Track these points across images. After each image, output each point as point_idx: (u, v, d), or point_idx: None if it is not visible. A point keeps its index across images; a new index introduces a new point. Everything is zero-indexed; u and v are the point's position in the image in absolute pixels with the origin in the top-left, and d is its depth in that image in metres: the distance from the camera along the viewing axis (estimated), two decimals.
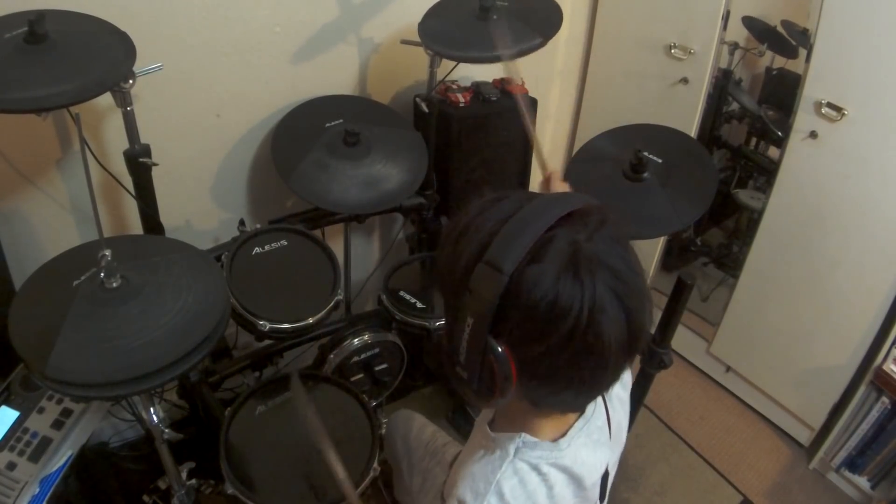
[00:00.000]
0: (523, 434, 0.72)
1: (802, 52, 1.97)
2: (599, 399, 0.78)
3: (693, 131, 2.07)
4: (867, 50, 1.59)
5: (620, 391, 0.89)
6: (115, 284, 0.99)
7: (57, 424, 1.21)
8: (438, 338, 0.63)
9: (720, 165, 2.47)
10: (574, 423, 0.75)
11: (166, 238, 1.34)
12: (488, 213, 0.63)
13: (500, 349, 0.60)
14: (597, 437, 0.77)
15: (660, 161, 1.46)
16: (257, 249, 1.45)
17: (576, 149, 1.83)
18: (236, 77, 1.59)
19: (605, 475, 0.79)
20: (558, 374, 0.61)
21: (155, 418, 1.15)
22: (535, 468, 0.71)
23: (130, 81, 1.19)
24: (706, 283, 2.49)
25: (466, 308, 0.60)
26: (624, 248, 0.62)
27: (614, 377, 0.65)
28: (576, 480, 0.73)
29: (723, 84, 2.20)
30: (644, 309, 0.62)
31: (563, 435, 0.73)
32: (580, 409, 0.74)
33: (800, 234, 1.87)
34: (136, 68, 1.20)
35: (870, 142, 1.65)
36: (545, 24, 1.50)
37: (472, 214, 0.65)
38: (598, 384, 0.65)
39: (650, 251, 2.33)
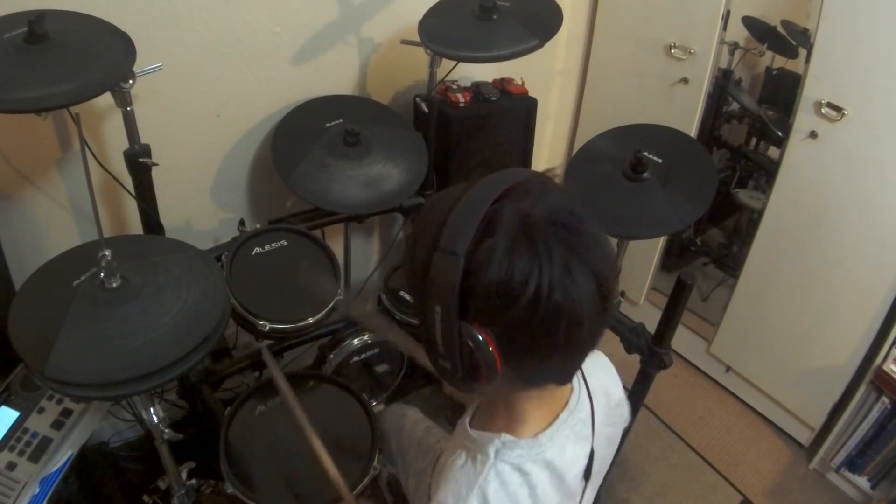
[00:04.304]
0: (503, 434, 0.72)
1: (802, 53, 1.97)
2: (584, 391, 0.78)
3: (693, 131, 2.07)
4: (867, 50, 1.59)
5: (609, 383, 0.88)
6: (115, 284, 0.99)
7: (57, 424, 1.21)
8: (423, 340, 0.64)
9: (720, 165, 2.47)
10: (559, 415, 0.75)
11: (166, 238, 1.34)
12: (436, 208, 0.64)
13: (474, 330, 0.60)
14: (579, 429, 0.76)
15: (660, 161, 1.46)
16: (257, 249, 1.45)
17: (576, 149, 1.82)
18: (236, 77, 1.59)
19: (591, 454, 0.78)
20: (537, 343, 0.61)
21: (155, 418, 1.15)
22: (518, 468, 0.71)
23: (130, 81, 1.19)
24: (706, 283, 2.49)
25: (432, 299, 0.61)
26: (574, 205, 0.62)
27: (595, 334, 0.65)
28: (558, 477, 0.73)
29: (723, 84, 2.20)
30: (606, 256, 0.62)
31: (547, 428, 0.73)
32: (569, 378, 0.73)
33: (800, 234, 1.87)
34: (136, 68, 1.20)
35: (870, 142, 1.65)
36: (545, 24, 1.50)
37: (423, 214, 0.67)
38: (580, 344, 0.64)
39: (650, 251, 2.33)
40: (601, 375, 0.87)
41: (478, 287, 0.59)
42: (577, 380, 0.78)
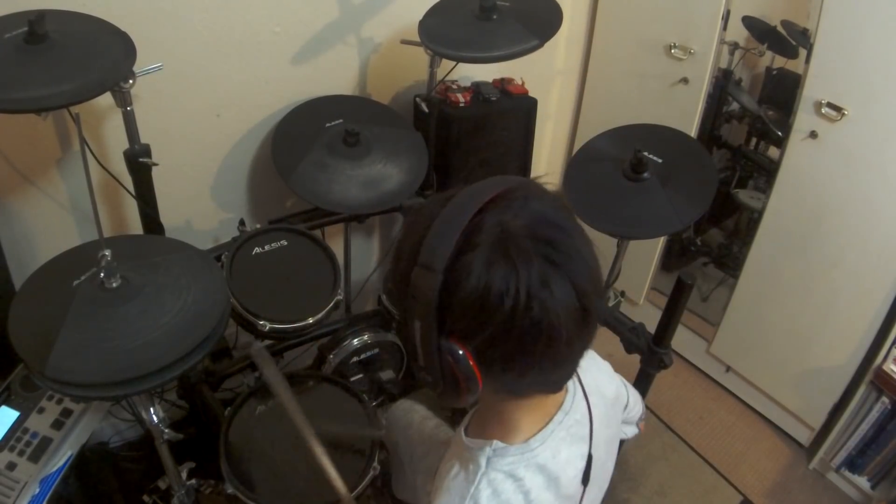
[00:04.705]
0: (494, 441, 0.71)
1: (802, 53, 1.97)
2: (579, 392, 0.78)
3: (693, 131, 2.07)
4: (867, 50, 1.59)
5: (603, 380, 0.88)
6: (115, 284, 0.99)
7: (57, 424, 1.21)
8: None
9: (720, 165, 2.47)
10: (554, 416, 0.74)
11: (166, 238, 1.34)
12: (418, 219, 0.64)
13: (454, 345, 0.60)
14: (575, 430, 0.76)
15: (660, 161, 1.46)
16: (257, 249, 1.45)
17: (576, 149, 1.82)
18: (236, 77, 1.59)
19: (589, 459, 0.78)
20: (516, 357, 0.61)
21: (155, 418, 1.15)
22: (511, 475, 0.70)
23: (130, 81, 1.19)
24: (706, 283, 2.49)
25: (413, 314, 0.61)
26: (559, 215, 0.61)
27: (578, 348, 0.64)
28: (553, 480, 0.73)
29: (723, 84, 2.20)
30: (589, 269, 0.61)
31: (539, 431, 0.73)
32: (558, 388, 0.73)
33: (800, 234, 1.87)
34: (136, 68, 1.20)
35: (870, 142, 1.65)
36: (545, 24, 1.50)
37: (407, 224, 0.66)
38: (561, 358, 0.64)
39: (650, 251, 2.33)
40: (594, 373, 0.87)
41: (456, 302, 0.59)
42: (571, 380, 0.77)
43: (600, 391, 0.86)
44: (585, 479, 0.78)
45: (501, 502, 0.69)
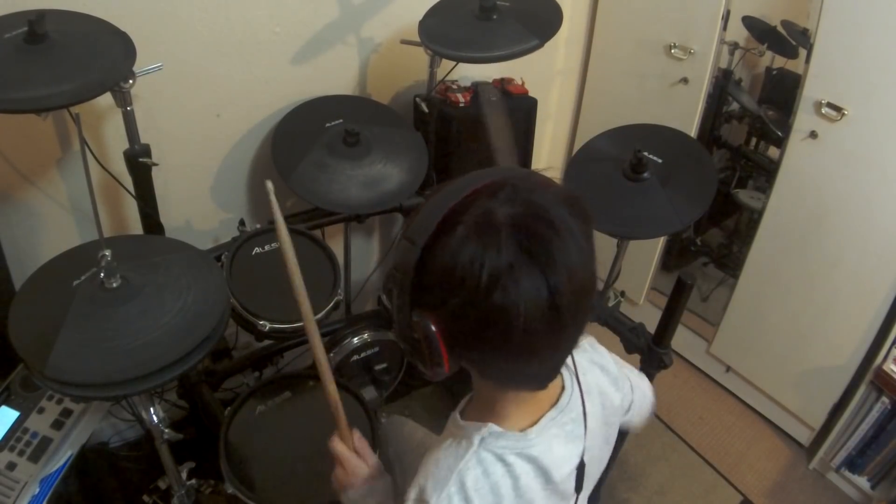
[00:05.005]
0: (490, 424, 0.72)
1: (802, 53, 1.97)
2: (576, 390, 0.77)
3: (693, 131, 2.07)
4: (867, 50, 1.59)
5: (606, 384, 0.87)
6: (115, 284, 0.99)
7: (57, 424, 1.21)
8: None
9: (720, 165, 2.47)
10: (547, 413, 0.74)
11: (166, 238, 1.34)
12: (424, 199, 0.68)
13: (423, 316, 0.63)
14: (570, 428, 0.76)
15: (660, 161, 1.46)
16: (257, 249, 1.45)
17: (576, 149, 1.82)
18: (236, 77, 1.59)
19: (582, 466, 0.78)
20: (476, 338, 0.62)
21: (155, 418, 1.15)
22: (500, 458, 0.71)
23: (130, 81, 1.19)
24: (706, 283, 2.49)
25: (394, 283, 0.65)
26: (554, 211, 0.60)
27: (545, 347, 0.63)
28: (543, 473, 0.73)
29: (723, 84, 2.20)
30: (571, 269, 0.59)
31: (534, 424, 0.73)
32: (539, 385, 0.72)
33: (800, 234, 1.87)
34: (136, 68, 1.20)
35: (870, 142, 1.65)
36: (545, 24, 1.50)
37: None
38: (529, 351, 0.63)
39: (650, 251, 2.33)
40: (597, 374, 0.86)
41: (426, 275, 0.62)
42: (570, 378, 0.78)
43: (602, 391, 0.86)
44: (578, 487, 0.78)
45: (490, 483, 0.70)
